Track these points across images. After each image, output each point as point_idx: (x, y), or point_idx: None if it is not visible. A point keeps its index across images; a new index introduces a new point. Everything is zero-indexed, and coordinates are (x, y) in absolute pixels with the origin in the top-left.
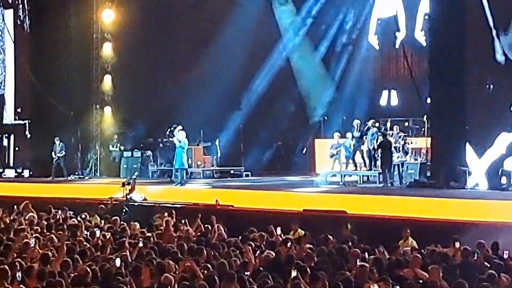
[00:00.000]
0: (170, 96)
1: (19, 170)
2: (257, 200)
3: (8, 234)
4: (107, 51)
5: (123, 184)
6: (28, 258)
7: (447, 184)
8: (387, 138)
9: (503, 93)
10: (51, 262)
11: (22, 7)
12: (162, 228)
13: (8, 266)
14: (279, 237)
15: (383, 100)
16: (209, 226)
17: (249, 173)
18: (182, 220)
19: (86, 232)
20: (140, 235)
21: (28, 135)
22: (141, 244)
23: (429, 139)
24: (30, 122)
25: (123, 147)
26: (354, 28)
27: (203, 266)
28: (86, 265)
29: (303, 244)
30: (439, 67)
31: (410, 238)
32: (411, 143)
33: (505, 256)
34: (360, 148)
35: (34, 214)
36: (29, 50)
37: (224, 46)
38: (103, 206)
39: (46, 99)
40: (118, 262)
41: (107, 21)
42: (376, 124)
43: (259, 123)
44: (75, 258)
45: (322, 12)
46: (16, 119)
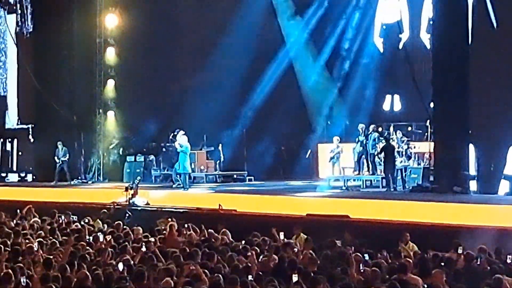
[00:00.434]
0: (173, 100)
1: (22, 175)
2: (260, 204)
3: (12, 239)
4: (110, 56)
5: (126, 189)
6: (32, 263)
7: (450, 188)
8: (390, 142)
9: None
10: (54, 267)
11: (25, 12)
12: (165, 232)
13: (12, 271)
14: (282, 241)
15: (386, 105)
16: (212, 231)
17: (252, 177)
18: (185, 225)
19: (89, 236)
20: (143, 239)
21: (31, 140)
22: (144, 249)
23: (432, 143)
24: (33, 126)
25: (121, 150)
26: (357, 33)
27: (207, 270)
28: (89, 269)
29: (305, 248)
30: (442, 72)
31: (410, 242)
32: (414, 147)
33: (508, 261)
34: (365, 152)
35: (37, 219)
36: (32, 54)
37: (227, 51)
38: (105, 211)
39: (49, 104)
40: (121, 266)
41: (110, 26)
42: (379, 129)
43: (262, 128)
44: (77, 262)
45: (325, 17)
46: (19, 123)
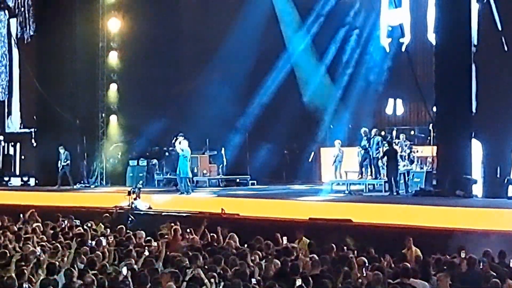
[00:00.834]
0: (176, 104)
1: (25, 179)
2: (263, 208)
3: (15, 243)
4: (112, 60)
5: (129, 193)
6: (34, 267)
7: (453, 192)
8: (393, 146)
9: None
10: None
11: (27, 16)
12: (168, 236)
13: (16, 275)
14: (284, 245)
15: (389, 109)
16: (214, 235)
17: (255, 181)
18: (187, 229)
19: (92, 241)
20: (146, 243)
21: (34, 144)
22: (147, 253)
23: (435, 147)
24: (36, 130)
25: (121, 154)
26: (359, 38)
27: (210, 274)
28: (92, 273)
29: (308, 252)
30: (445, 76)
31: (413, 247)
32: (417, 151)
33: (511, 265)
34: (368, 156)
35: (40, 223)
36: (34, 58)
37: (229, 55)
38: (107, 215)
39: (52, 108)
40: (125, 270)
41: (113, 29)
42: (381, 133)
43: (265, 132)
44: (81, 267)
45: (327, 22)
46: (22, 127)
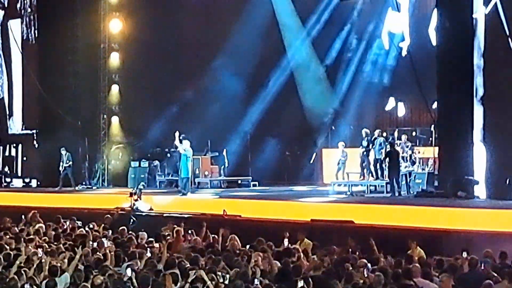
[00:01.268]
0: (178, 106)
1: (27, 180)
2: (264, 210)
3: (17, 244)
4: (114, 61)
5: (131, 194)
6: (36, 269)
7: (454, 193)
8: (394, 147)
9: None
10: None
11: (29, 17)
12: (170, 238)
13: (18, 277)
14: (286, 247)
15: (390, 110)
16: (216, 236)
17: (256, 183)
18: (189, 230)
19: (93, 242)
20: (148, 245)
21: (36, 145)
22: (149, 254)
23: (436, 148)
24: (37, 132)
25: (122, 155)
26: (360, 40)
27: (212, 276)
28: (95, 275)
29: (310, 254)
30: (447, 77)
31: (418, 248)
32: (419, 152)
33: None
34: (367, 157)
35: (42, 224)
36: (36, 60)
37: (231, 57)
38: (109, 216)
39: (53, 109)
40: (129, 272)
41: (115, 31)
42: (384, 134)
43: (266, 133)
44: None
45: (328, 23)
46: (24, 129)
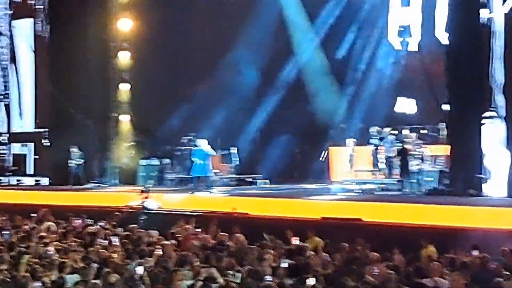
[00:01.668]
0: (188, 104)
1: (38, 178)
2: (274, 208)
3: (28, 242)
4: (125, 60)
5: (142, 192)
6: (47, 266)
7: (465, 191)
8: (405, 145)
9: None
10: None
11: (41, 16)
12: (180, 236)
13: (31, 274)
14: (296, 244)
15: (400, 108)
16: (226, 234)
17: (266, 180)
18: (199, 228)
19: (104, 240)
20: (159, 243)
21: (47, 143)
22: (159, 252)
23: (447, 146)
24: (49, 130)
25: (135, 153)
26: (370, 37)
27: (222, 273)
28: (105, 272)
29: (319, 251)
30: (457, 74)
31: (430, 246)
32: (429, 150)
33: None
34: (377, 155)
35: (53, 222)
36: (48, 59)
37: (240, 55)
38: (118, 214)
39: (64, 108)
40: (140, 270)
41: (125, 29)
42: (394, 132)
43: (276, 131)
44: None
45: (337, 20)
46: (35, 127)
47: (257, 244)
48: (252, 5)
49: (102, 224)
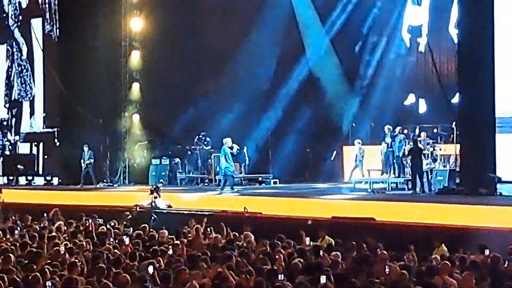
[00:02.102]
0: (198, 103)
1: (48, 178)
2: (285, 207)
3: (39, 242)
4: (135, 59)
5: (151, 191)
6: (58, 266)
7: (476, 190)
8: (417, 145)
9: None
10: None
11: (51, 16)
12: (191, 235)
13: (40, 274)
14: (307, 244)
15: (411, 107)
16: (237, 234)
17: (277, 180)
18: (210, 228)
19: (114, 239)
20: (169, 242)
21: (57, 143)
22: (170, 252)
23: (458, 145)
24: (59, 130)
25: (145, 153)
26: (381, 36)
27: (233, 273)
28: (116, 272)
29: (331, 251)
30: (467, 73)
31: (442, 245)
32: (440, 149)
33: None
34: (391, 154)
35: (63, 222)
36: (57, 58)
37: (251, 54)
38: (128, 213)
39: (74, 107)
40: (151, 269)
41: (135, 29)
42: (405, 131)
43: (287, 130)
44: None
45: (348, 19)
46: (45, 127)
47: (268, 243)
48: (263, 4)
49: (112, 224)
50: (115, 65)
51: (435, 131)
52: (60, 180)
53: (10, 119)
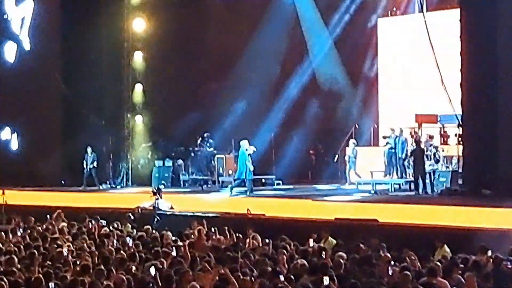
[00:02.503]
0: (201, 105)
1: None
2: (288, 208)
3: (42, 243)
4: (138, 60)
5: (154, 193)
6: (61, 267)
7: (479, 192)
8: (420, 146)
9: None
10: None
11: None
12: (194, 237)
13: (43, 276)
14: (311, 245)
15: (413, 108)
16: (240, 235)
17: (280, 181)
18: (213, 229)
19: (117, 241)
20: (173, 244)
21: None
22: (174, 253)
23: (460, 146)
24: (61, 131)
25: (150, 154)
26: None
27: (236, 274)
28: (119, 273)
29: (334, 252)
30: (471, 75)
31: (444, 246)
32: (443, 151)
33: None
34: (394, 155)
35: (66, 224)
36: (60, 59)
37: (254, 57)
38: (130, 215)
39: (77, 109)
40: (153, 271)
41: (138, 30)
42: (408, 132)
43: (290, 132)
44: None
45: (350, 24)
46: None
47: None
48: (266, 5)
49: (115, 226)
50: (117, 66)
51: (438, 132)
52: (63, 182)
53: None
